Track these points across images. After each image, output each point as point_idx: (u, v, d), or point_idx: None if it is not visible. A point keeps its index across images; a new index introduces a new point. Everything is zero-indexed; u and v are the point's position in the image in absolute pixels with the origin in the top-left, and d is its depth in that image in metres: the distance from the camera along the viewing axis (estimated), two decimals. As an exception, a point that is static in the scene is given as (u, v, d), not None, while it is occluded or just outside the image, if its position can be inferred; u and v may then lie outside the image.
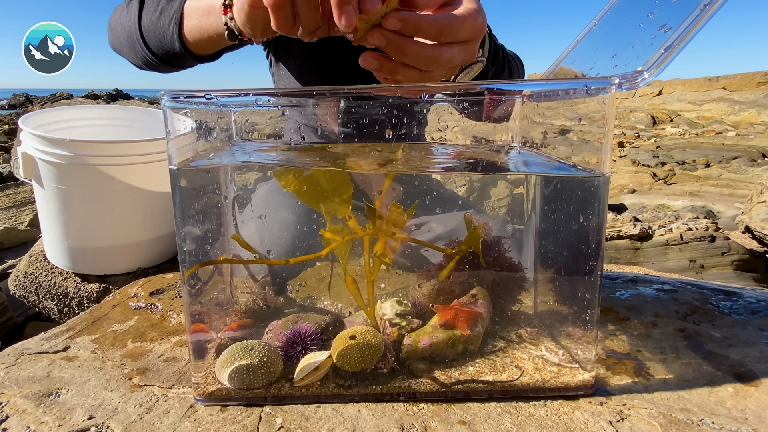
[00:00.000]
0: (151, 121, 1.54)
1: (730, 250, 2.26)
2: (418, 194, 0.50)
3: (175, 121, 0.43)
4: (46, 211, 1.21)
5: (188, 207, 0.46)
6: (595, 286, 0.46)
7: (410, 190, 0.51)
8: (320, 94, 0.45)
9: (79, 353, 0.60)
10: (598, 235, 0.45)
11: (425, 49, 0.44)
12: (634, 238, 2.46)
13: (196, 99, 0.43)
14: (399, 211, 0.48)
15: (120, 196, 1.19)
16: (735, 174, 4.77)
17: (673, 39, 0.43)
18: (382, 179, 0.51)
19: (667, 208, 4.04)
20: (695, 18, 0.43)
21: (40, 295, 1.29)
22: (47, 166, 1.14)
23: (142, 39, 0.79)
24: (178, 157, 0.44)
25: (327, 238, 0.50)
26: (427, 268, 0.58)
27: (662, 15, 0.50)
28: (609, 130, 0.44)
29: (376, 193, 0.49)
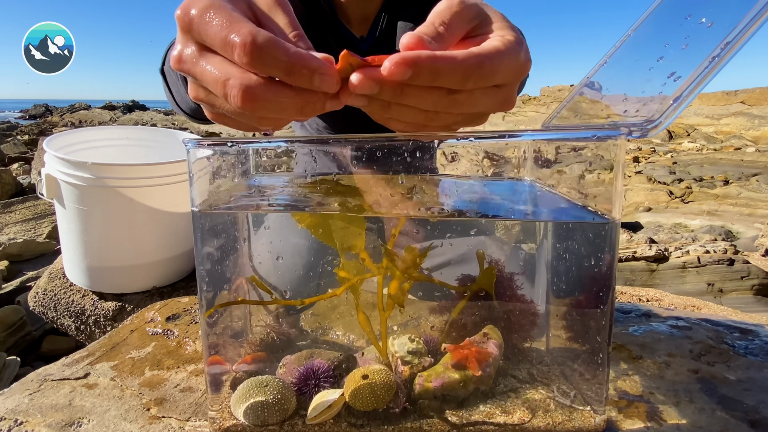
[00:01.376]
0: (168, 141, 1.58)
1: (750, 274, 2.22)
2: (434, 226, 0.50)
3: (197, 155, 0.45)
4: (66, 231, 1.25)
5: (208, 246, 0.47)
6: (606, 330, 0.47)
7: (427, 226, 0.51)
8: (336, 141, 0.46)
9: (99, 380, 0.62)
10: (608, 280, 0.45)
11: (439, 98, 0.34)
12: (649, 259, 2.43)
13: (220, 146, 0.45)
14: (414, 253, 0.49)
15: (138, 216, 1.22)
16: (755, 192, 4.70)
17: (682, 90, 0.44)
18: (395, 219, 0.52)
19: (684, 228, 3.99)
20: (705, 70, 0.44)
21: (59, 312, 1.32)
22: (69, 187, 1.17)
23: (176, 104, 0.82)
24: (199, 197, 0.46)
25: (341, 276, 0.51)
26: (439, 304, 0.58)
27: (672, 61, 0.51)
28: (619, 177, 0.44)
29: (390, 234, 0.50)
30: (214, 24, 0.32)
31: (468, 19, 0.38)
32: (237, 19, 0.32)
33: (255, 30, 0.31)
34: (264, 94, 0.31)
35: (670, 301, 2.33)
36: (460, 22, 0.37)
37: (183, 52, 0.34)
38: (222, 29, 0.31)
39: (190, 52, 0.34)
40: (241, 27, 0.31)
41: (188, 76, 0.35)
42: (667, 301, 2.31)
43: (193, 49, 0.33)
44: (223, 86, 0.32)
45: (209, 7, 0.32)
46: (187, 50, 0.34)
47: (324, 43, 1.05)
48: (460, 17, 0.37)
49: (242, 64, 0.31)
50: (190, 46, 0.34)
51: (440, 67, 0.31)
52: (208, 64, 0.33)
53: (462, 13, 0.37)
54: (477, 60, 0.33)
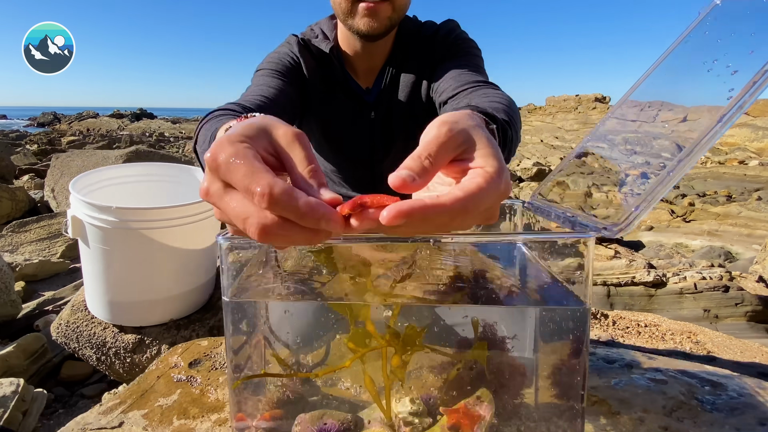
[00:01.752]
0: (184, 176, 1.67)
1: (744, 300, 2.28)
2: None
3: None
4: (90, 268, 1.33)
5: (237, 329, 0.55)
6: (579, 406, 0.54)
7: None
8: (348, 239, 0.54)
9: (132, 429, 0.69)
10: (581, 364, 0.52)
11: (429, 229, 0.39)
12: (648, 285, 2.49)
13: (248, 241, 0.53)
14: (414, 332, 0.56)
15: (157, 255, 1.30)
16: (755, 212, 4.75)
17: (641, 200, 0.52)
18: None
19: (685, 248, 4.05)
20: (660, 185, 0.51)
21: (80, 343, 1.40)
22: (94, 228, 1.25)
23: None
24: (229, 287, 0.53)
25: (350, 347, 0.58)
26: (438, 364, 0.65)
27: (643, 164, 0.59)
28: (589, 270, 0.52)
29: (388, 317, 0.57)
30: (239, 172, 0.37)
31: (454, 147, 0.42)
32: (257, 169, 0.37)
33: (273, 182, 0.36)
34: (278, 232, 0.37)
35: (667, 326, 2.39)
36: (447, 151, 0.42)
37: (210, 188, 0.40)
38: (245, 178, 0.37)
39: (216, 189, 0.40)
40: (261, 179, 0.37)
41: (213, 206, 0.42)
42: (664, 327, 2.37)
43: (219, 186, 0.39)
44: (243, 222, 0.38)
45: (234, 155, 0.38)
46: (213, 186, 0.40)
47: (332, 96, 1.14)
48: (447, 147, 0.42)
49: (260, 208, 0.37)
50: (216, 183, 0.40)
51: (430, 215, 0.37)
52: (232, 200, 0.39)
53: (449, 142, 0.42)
54: (462, 204, 0.38)
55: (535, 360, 0.66)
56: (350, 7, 0.99)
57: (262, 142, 0.42)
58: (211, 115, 0.74)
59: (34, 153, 12.95)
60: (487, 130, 0.47)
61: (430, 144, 0.42)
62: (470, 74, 0.98)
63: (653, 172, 0.56)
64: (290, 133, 0.42)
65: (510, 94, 0.86)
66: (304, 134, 0.44)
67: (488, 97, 0.79)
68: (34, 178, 7.57)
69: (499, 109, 0.70)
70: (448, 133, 0.42)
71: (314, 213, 0.36)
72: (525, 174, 11.74)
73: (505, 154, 0.66)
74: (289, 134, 0.43)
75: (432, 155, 0.41)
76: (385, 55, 1.14)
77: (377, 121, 1.15)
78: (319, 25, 1.17)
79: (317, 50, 1.13)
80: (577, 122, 24.22)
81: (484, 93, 0.83)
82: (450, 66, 1.03)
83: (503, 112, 0.71)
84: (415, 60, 1.12)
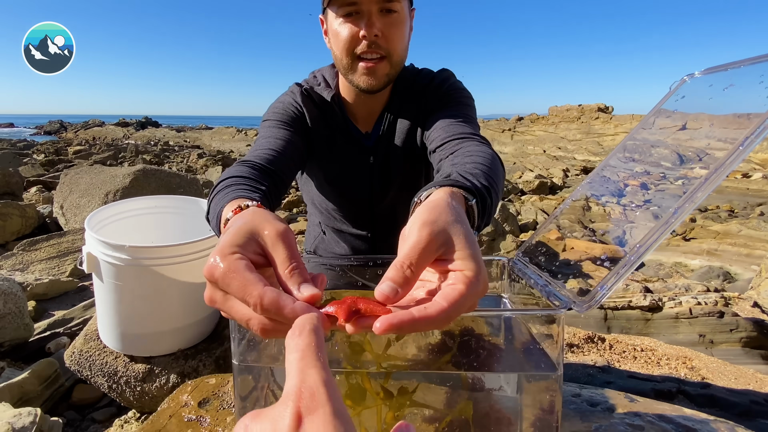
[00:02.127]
0: (193, 208, 1.74)
1: (738, 326, 2.32)
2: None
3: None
4: (103, 301, 1.39)
5: (246, 391, 0.61)
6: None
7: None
8: (358, 265, 0.60)
9: (146, 472, 0.75)
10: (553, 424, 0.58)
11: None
12: (644, 309, 2.53)
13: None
14: (406, 392, 0.62)
15: (167, 289, 1.36)
16: (754, 231, 4.78)
17: (608, 281, 0.58)
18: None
19: (685, 267, 4.08)
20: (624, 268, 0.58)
21: (93, 371, 1.46)
22: (108, 265, 1.32)
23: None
24: (239, 353, 0.60)
25: (347, 404, 0.64)
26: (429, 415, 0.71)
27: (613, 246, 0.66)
28: (560, 342, 0.58)
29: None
30: (233, 285, 0.44)
31: (434, 250, 0.47)
32: (249, 281, 0.44)
33: (262, 292, 0.43)
34: (276, 329, 0.44)
35: (663, 351, 2.43)
36: (427, 255, 0.47)
37: (213, 296, 0.47)
38: (239, 291, 0.44)
39: (218, 297, 0.47)
40: (252, 290, 0.43)
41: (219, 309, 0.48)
42: (660, 351, 2.41)
43: (220, 294, 0.46)
44: (246, 323, 0.45)
45: (228, 271, 0.45)
46: (216, 295, 0.47)
47: (334, 141, 1.21)
48: (427, 251, 0.47)
49: (256, 313, 0.44)
50: (217, 293, 0.47)
51: (418, 326, 0.42)
52: (233, 306, 0.46)
53: (429, 246, 0.47)
54: (447, 313, 0.43)
55: (519, 406, 0.72)
56: (351, 64, 1.06)
57: (252, 246, 0.48)
58: (222, 184, 0.80)
59: (41, 164, 13.12)
60: (466, 221, 0.53)
61: (412, 251, 0.47)
62: (459, 125, 1.04)
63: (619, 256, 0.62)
64: (274, 233, 0.49)
65: (513, 102, 0.92)
66: (289, 232, 0.50)
67: (471, 157, 0.84)
68: (42, 190, 7.68)
69: (479, 174, 0.75)
70: (429, 236, 0.47)
71: (299, 315, 0.42)
72: (527, 187, 11.79)
73: (484, 221, 0.71)
74: (273, 235, 0.49)
75: (413, 263, 0.46)
76: (383, 103, 1.20)
77: (376, 165, 1.21)
78: (322, 72, 1.24)
79: (319, 98, 1.20)
80: (579, 132, 24.26)
81: (468, 151, 0.88)
82: (441, 115, 1.10)
83: (483, 176, 0.76)
84: (411, 107, 1.19)
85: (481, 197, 0.68)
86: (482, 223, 0.70)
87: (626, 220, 0.79)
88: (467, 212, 0.64)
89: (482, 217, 0.69)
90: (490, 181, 0.75)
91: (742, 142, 0.56)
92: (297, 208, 9.26)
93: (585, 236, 5.29)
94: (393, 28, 1.02)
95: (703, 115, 0.79)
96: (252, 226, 0.50)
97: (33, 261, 3.24)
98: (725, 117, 0.69)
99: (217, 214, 0.70)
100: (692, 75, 0.84)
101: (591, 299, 0.57)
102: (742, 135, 0.56)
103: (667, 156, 0.81)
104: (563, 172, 15.63)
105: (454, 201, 0.57)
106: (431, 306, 0.43)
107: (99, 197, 4.00)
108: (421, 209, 0.53)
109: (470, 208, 0.65)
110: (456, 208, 0.54)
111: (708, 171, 0.59)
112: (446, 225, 0.49)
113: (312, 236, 1.48)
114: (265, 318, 0.44)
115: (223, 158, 15.27)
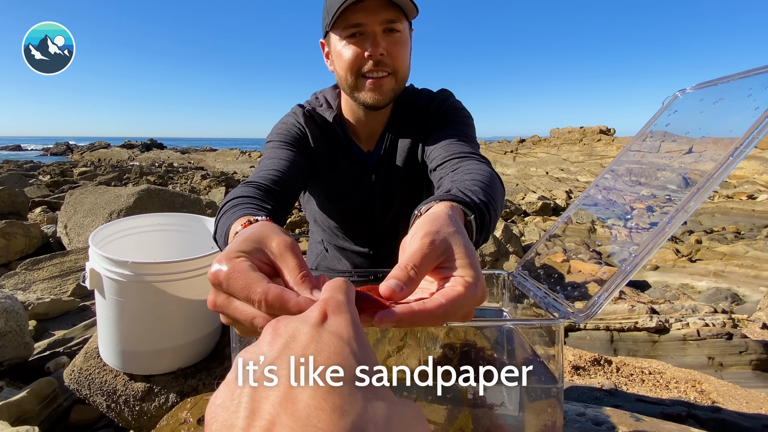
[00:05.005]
0: (195, 225, 1.74)
1: (748, 348, 2.27)
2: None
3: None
4: (104, 318, 1.38)
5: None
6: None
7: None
8: (360, 280, 0.59)
9: (143, 492, 0.73)
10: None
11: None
12: (651, 330, 2.50)
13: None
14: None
15: (168, 306, 1.35)
16: (761, 252, 4.74)
17: (603, 292, 0.57)
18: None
19: (692, 289, 4.03)
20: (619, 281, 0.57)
21: (92, 390, 1.44)
22: (110, 281, 1.31)
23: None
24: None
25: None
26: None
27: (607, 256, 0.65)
28: (559, 354, 0.56)
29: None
30: (237, 285, 0.44)
31: (436, 257, 0.49)
32: (252, 279, 0.44)
33: (266, 288, 0.43)
34: None
35: (671, 374, 2.38)
36: (429, 261, 0.48)
37: (217, 299, 0.46)
38: (243, 290, 0.44)
39: (221, 300, 0.46)
40: (256, 287, 0.43)
41: (221, 313, 0.47)
42: (668, 374, 2.37)
43: (224, 297, 0.46)
44: (250, 323, 0.44)
45: (232, 271, 0.45)
46: (219, 298, 0.46)
47: (336, 160, 1.21)
48: (429, 257, 0.48)
49: (261, 310, 0.43)
50: (221, 296, 0.46)
51: (417, 319, 0.43)
52: (237, 307, 0.45)
53: (431, 253, 0.48)
54: (444, 309, 0.44)
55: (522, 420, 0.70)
56: (356, 82, 1.07)
57: (258, 255, 0.48)
58: (229, 204, 0.80)
59: (47, 185, 13.22)
60: (465, 233, 0.54)
61: (415, 255, 0.48)
62: (459, 144, 1.05)
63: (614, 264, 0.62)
64: (282, 244, 0.49)
65: (514, 124, 0.92)
66: (296, 244, 0.50)
67: (471, 175, 0.85)
68: (47, 211, 7.72)
69: (478, 191, 0.76)
70: (430, 245, 0.48)
71: (303, 309, 0.42)
72: (530, 208, 11.79)
73: (482, 237, 0.72)
74: (281, 245, 0.49)
75: (416, 266, 0.47)
76: (384, 122, 1.21)
77: (378, 183, 1.22)
78: (323, 93, 1.26)
79: (321, 119, 1.21)
80: (582, 154, 24.36)
81: (468, 168, 0.89)
82: (441, 135, 1.11)
83: (482, 193, 0.76)
84: (411, 127, 1.20)
85: (479, 213, 0.68)
86: (480, 238, 0.70)
87: (630, 240, 0.79)
88: (466, 227, 0.64)
89: (480, 232, 0.69)
90: (489, 197, 0.75)
91: (731, 152, 0.56)
92: (299, 229, 9.26)
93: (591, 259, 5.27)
94: (397, 46, 1.03)
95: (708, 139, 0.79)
96: (259, 236, 0.50)
97: (35, 280, 3.24)
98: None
99: (225, 231, 0.71)
100: (684, 90, 0.85)
101: (589, 309, 0.56)
102: (732, 146, 0.56)
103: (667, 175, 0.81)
104: (566, 193, 15.65)
105: (454, 214, 0.58)
106: (430, 301, 0.44)
107: (103, 217, 4.01)
108: (422, 220, 0.54)
109: (469, 223, 0.65)
110: (456, 220, 0.55)
111: (700, 180, 0.59)
112: (447, 235, 0.50)
113: (314, 253, 1.47)
114: (269, 316, 0.43)
115: (226, 179, 15.35)
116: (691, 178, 0.70)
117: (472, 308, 0.47)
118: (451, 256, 0.49)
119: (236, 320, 0.46)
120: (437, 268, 0.49)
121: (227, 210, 0.79)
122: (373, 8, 0.99)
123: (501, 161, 25.94)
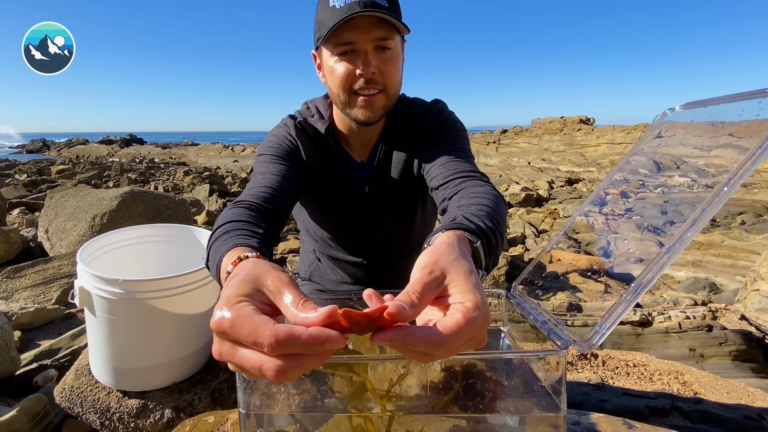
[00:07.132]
0: (186, 236, 1.72)
1: (727, 340, 2.35)
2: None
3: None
4: (95, 336, 1.37)
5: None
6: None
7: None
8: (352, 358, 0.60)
9: None
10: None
11: (415, 356, 0.47)
12: (635, 324, 2.56)
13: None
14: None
15: (161, 322, 1.35)
16: (737, 241, 4.87)
17: (608, 320, 0.59)
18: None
19: (671, 279, 4.14)
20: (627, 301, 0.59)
21: (84, 408, 1.42)
22: (101, 299, 1.30)
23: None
24: (245, 401, 0.59)
25: None
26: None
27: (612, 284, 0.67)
28: (562, 380, 0.59)
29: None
30: (243, 331, 0.44)
31: (435, 287, 0.51)
32: (258, 323, 0.44)
33: (274, 329, 0.43)
34: (291, 367, 0.43)
35: (655, 366, 2.45)
36: (430, 290, 0.51)
37: (222, 349, 0.47)
38: (250, 335, 0.44)
39: (227, 348, 0.47)
40: (264, 330, 0.43)
41: (227, 362, 0.48)
42: (652, 366, 2.44)
43: (229, 345, 0.46)
44: (259, 370, 0.44)
45: (236, 318, 0.45)
46: (224, 347, 0.47)
47: (329, 172, 1.21)
48: (429, 287, 0.51)
49: (271, 355, 0.43)
50: (226, 344, 0.47)
51: (408, 342, 0.45)
52: (244, 355, 0.45)
53: (431, 283, 0.51)
54: (439, 338, 0.45)
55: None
56: (348, 99, 1.07)
57: (257, 296, 0.49)
58: (220, 230, 0.80)
59: (24, 184, 12.88)
60: (467, 258, 0.56)
61: (416, 284, 0.50)
62: (459, 162, 1.06)
63: (616, 292, 0.63)
64: (278, 281, 0.50)
65: (496, 115, 0.94)
66: (292, 278, 0.51)
67: (476, 199, 0.86)
68: (25, 213, 7.53)
69: (484, 215, 0.78)
70: (429, 275, 0.51)
71: (317, 340, 0.43)
72: (514, 200, 11.89)
73: (491, 261, 0.73)
74: (278, 283, 0.50)
75: (418, 293, 0.49)
76: (378, 133, 1.22)
77: (371, 195, 1.22)
78: (315, 103, 1.26)
79: (313, 130, 1.21)
80: (562, 143, 24.58)
81: (472, 192, 0.90)
82: (439, 151, 1.11)
83: (488, 217, 0.78)
84: (406, 139, 1.20)
85: (486, 238, 0.70)
86: (490, 262, 0.72)
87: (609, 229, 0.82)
88: (473, 253, 0.66)
89: (489, 257, 0.71)
90: (494, 222, 0.77)
91: (726, 182, 0.58)
92: (286, 226, 9.22)
93: (570, 247, 5.33)
94: (388, 64, 1.03)
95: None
96: (254, 276, 0.51)
97: (17, 288, 3.18)
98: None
99: (216, 263, 0.70)
100: (673, 109, 0.88)
101: (591, 338, 0.58)
102: (727, 176, 0.58)
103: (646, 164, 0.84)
104: (548, 183, 15.81)
105: (456, 242, 0.61)
106: (429, 329, 0.46)
107: (86, 221, 3.94)
108: (424, 253, 0.57)
109: (476, 250, 0.67)
110: (456, 247, 0.58)
111: (695, 211, 0.61)
112: (446, 264, 0.53)
113: (306, 263, 1.47)
114: (279, 360, 0.43)
115: (210, 176, 15.13)
116: (687, 206, 0.72)
117: (477, 332, 0.48)
118: (451, 283, 0.51)
119: (243, 368, 0.47)
120: (439, 297, 0.52)
121: (219, 236, 0.79)
122: (365, 26, 0.99)
123: (484, 152, 26.05)
